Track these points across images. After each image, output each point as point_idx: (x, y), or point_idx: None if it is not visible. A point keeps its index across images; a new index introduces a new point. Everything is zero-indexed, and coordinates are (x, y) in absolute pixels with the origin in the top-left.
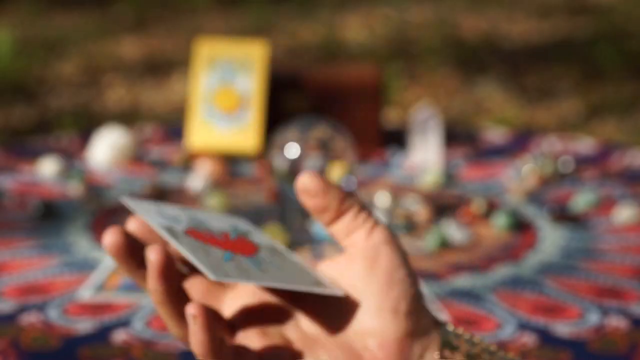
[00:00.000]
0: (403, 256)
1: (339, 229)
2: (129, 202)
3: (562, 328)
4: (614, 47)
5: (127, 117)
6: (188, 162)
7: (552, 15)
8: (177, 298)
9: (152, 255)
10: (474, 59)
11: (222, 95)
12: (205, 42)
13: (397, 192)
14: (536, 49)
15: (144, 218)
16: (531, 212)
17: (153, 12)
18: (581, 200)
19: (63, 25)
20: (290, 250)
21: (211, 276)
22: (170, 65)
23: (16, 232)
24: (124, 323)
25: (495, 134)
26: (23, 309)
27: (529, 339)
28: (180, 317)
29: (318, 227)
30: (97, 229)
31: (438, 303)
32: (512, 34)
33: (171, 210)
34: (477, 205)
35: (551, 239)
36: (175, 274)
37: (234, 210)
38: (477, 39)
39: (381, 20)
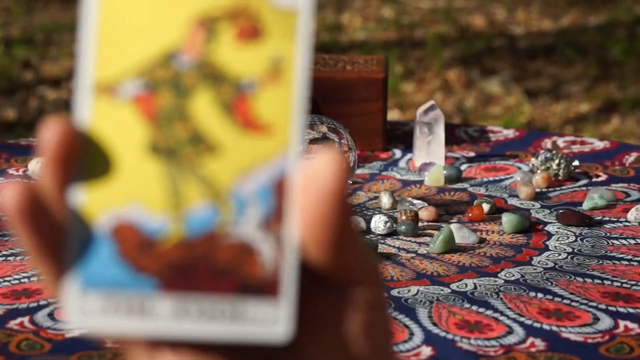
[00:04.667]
0: None
1: None
2: None
3: (572, 333)
4: (626, 44)
5: None
6: None
7: (562, 10)
8: None
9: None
10: (481, 56)
11: None
12: None
13: (401, 191)
14: (545, 44)
15: None
16: (540, 213)
17: None
18: (591, 200)
19: (56, 19)
20: None
21: None
22: None
23: (5, 234)
24: None
25: (502, 133)
26: (12, 313)
27: (537, 344)
28: None
29: None
30: None
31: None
32: (521, 28)
33: None
34: (484, 206)
35: (560, 240)
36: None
37: None
38: (484, 34)
39: (385, 14)
